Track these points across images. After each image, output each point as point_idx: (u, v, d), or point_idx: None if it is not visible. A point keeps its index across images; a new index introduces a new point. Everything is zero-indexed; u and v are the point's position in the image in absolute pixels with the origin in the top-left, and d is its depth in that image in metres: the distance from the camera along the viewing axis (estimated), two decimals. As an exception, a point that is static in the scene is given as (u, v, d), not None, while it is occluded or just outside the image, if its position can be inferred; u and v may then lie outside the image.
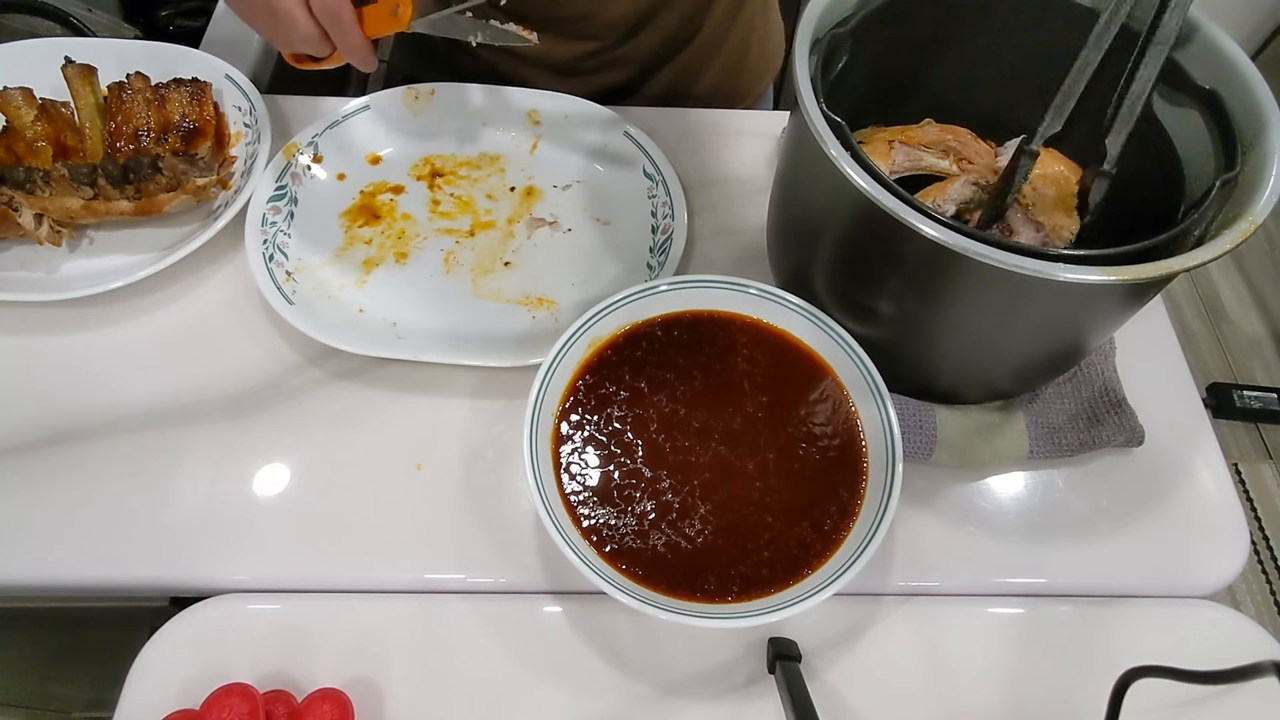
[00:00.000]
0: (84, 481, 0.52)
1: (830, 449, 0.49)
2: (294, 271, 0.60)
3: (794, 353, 0.53)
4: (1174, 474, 0.56)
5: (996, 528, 0.53)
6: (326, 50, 0.53)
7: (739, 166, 0.70)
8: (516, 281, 0.62)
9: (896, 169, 0.57)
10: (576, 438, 0.49)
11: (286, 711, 0.44)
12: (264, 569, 0.50)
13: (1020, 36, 0.53)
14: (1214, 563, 0.53)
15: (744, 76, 0.83)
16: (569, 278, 0.62)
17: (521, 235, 0.64)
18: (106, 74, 0.64)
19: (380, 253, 0.63)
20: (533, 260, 0.63)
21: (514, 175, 0.68)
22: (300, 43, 0.52)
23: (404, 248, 0.63)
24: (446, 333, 0.59)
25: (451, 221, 0.65)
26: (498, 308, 0.60)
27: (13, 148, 0.62)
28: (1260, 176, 0.42)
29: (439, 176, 0.67)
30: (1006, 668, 0.49)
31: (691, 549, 0.46)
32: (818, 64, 0.47)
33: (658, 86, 0.79)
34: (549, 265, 0.63)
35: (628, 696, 0.47)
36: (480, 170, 0.68)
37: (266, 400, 0.56)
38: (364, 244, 0.63)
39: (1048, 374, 0.55)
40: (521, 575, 0.50)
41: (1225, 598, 0.52)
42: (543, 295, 0.61)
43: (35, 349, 0.58)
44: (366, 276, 0.61)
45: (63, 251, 0.62)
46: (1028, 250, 0.39)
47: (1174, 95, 0.49)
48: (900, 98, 0.58)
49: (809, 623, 0.49)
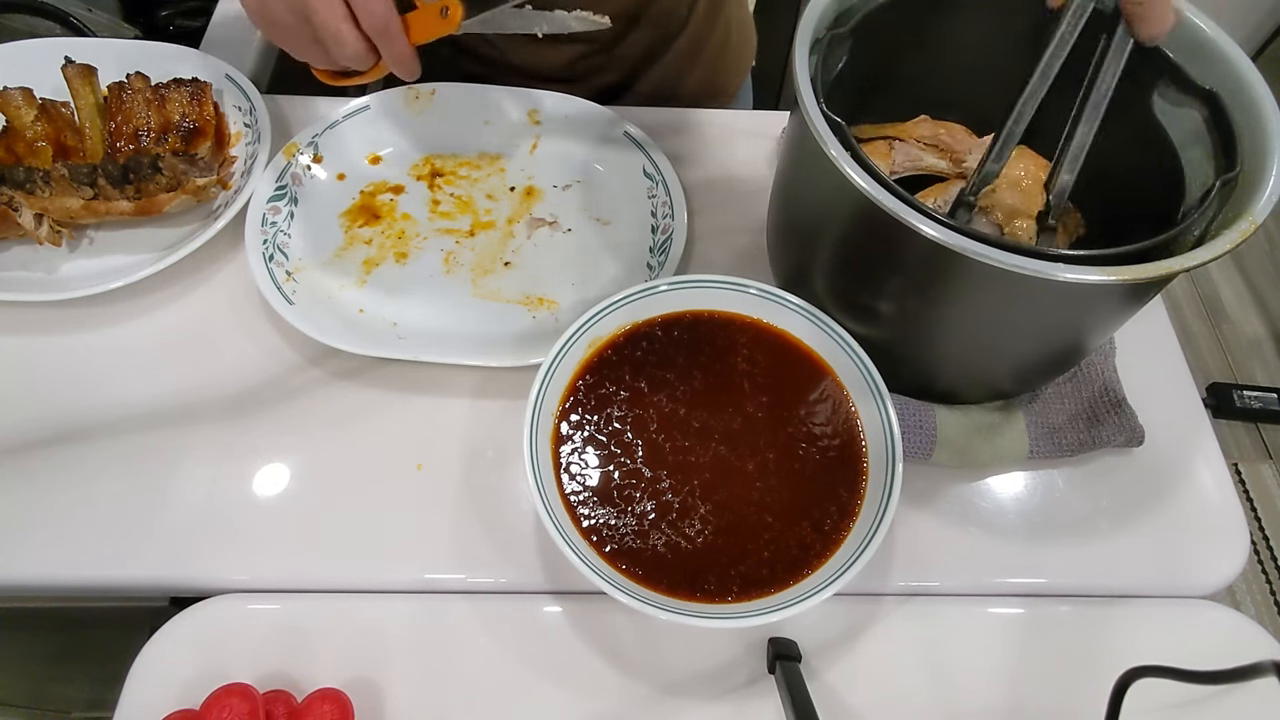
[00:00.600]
0: (84, 481, 0.52)
1: (830, 449, 0.49)
2: (294, 271, 0.60)
3: (794, 353, 0.53)
4: (1174, 474, 0.56)
5: (996, 528, 0.53)
6: (371, 63, 0.51)
7: (739, 166, 0.70)
8: (516, 281, 0.62)
9: (896, 169, 0.57)
10: (576, 438, 0.49)
11: (286, 711, 0.44)
12: (264, 569, 0.50)
13: (1020, 37, 0.53)
14: (1214, 563, 0.53)
15: (725, 72, 0.84)
16: (569, 278, 0.62)
17: (521, 235, 0.64)
18: (106, 74, 0.64)
19: (380, 253, 0.63)
20: (533, 260, 0.63)
21: (514, 175, 0.68)
22: (347, 60, 0.49)
23: (404, 248, 0.63)
24: (447, 332, 0.59)
25: (451, 221, 0.65)
26: (498, 307, 0.60)
27: (13, 148, 0.62)
28: (1260, 176, 0.42)
29: (439, 176, 0.67)
30: (1006, 668, 0.49)
31: (691, 549, 0.46)
32: (818, 64, 0.47)
33: (647, 85, 0.79)
34: (549, 265, 0.63)
35: (628, 696, 0.47)
36: (480, 170, 0.68)
37: (266, 400, 0.56)
38: (364, 244, 0.63)
39: (1048, 374, 0.55)
40: (521, 575, 0.50)
41: (1225, 598, 0.52)
42: (543, 295, 0.61)
43: (35, 349, 0.58)
44: (367, 276, 0.61)
45: (63, 251, 0.62)
46: (1028, 250, 0.39)
47: (1174, 95, 0.49)
48: (900, 98, 0.58)
49: (809, 623, 0.49)
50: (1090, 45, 0.47)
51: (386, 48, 0.49)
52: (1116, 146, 0.52)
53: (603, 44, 0.74)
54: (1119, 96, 0.46)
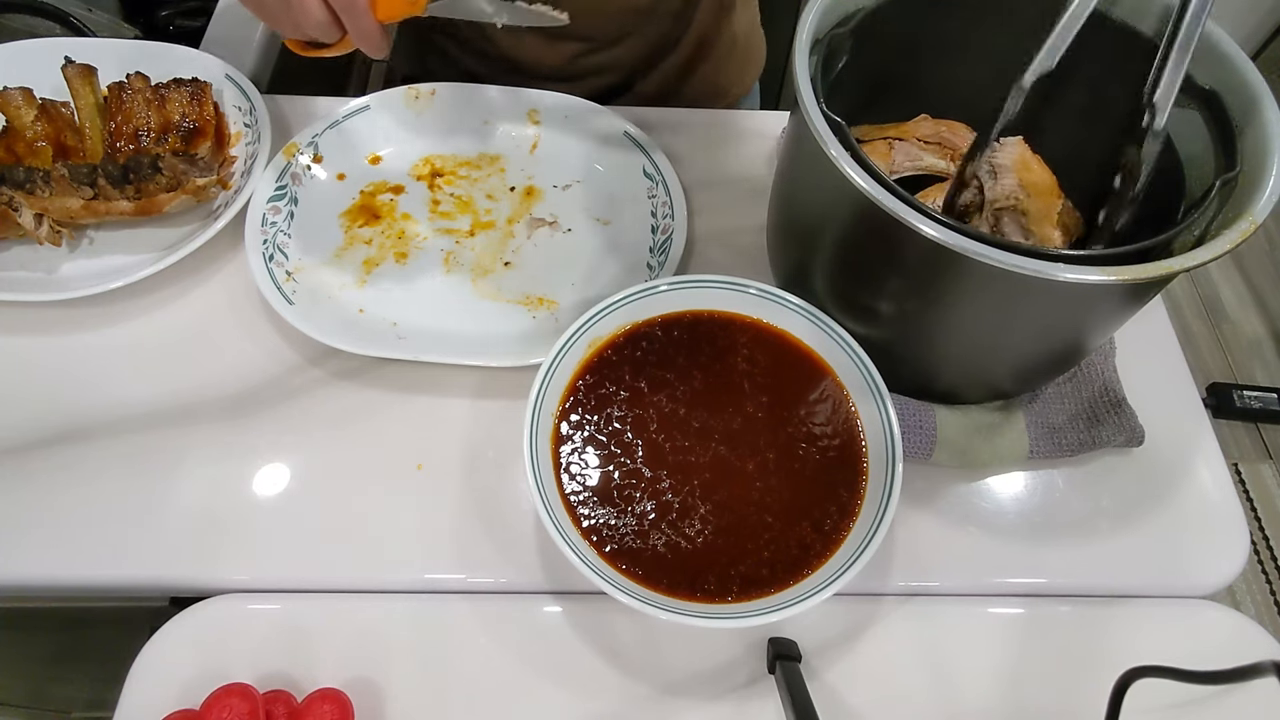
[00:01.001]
0: (84, 482, 0.52)
1: (830, 449, 0.49)
2: (294, 271, 0.60)
3: (794, 353, 0.53)
4: (1174, 474, 0.56)
5: (996, 528, 0.53)
6: (337, 35, 0.51)
7: (739, 166, 0.70)
8: (516, 281, 0.62)
9: (896, 169, 0.57)
10: (576, 438, 0.49)
11: (286, 711, 0.44)
12: (264, 569, 0.50)
13: (1019, 36, 0.53)
14: (1214, 563, 0.53)
15: (728, 79, 0.84)
16: (569, 278, 0.62)
17: (521, 235, 0.64)
18: (106, 74, 0.64)
19: (380, 253, 0.63)
20: (533, 260, 0.63)
21: (514, 175, 0.68)
22: (312, 28, 0.50)
23: (404, 248, 0.63)
24: (447, 332, 0.59)
25: (451, 221, 0.65)
26: (498, 307, 0.60)
27: (13, 148, 0.62)
28: (1260, 177, 0.42)
29: (439, 176, 0.67)
30: (1006, 668, 0.49)
31: (691, 549, 0.46)
32: (818, 64, 0.47)
33: (649, 86, 0.79)
34: (549, 265, 0.63)
35: (628, 696, 0.47)
36: (480, 170, 0.68)
37: (266, 400, 0.56)
38: (364, 244, 0.63)
39: (1048, 374, 0.55)
40: (521, 575, 0.50)
41: (1225, 598, 0.52)
42: (543, 295, 0.61)
43: (35, 349, 0.58)
44: (367, 276, 0.61)
45: (63, 251, 0.62)
46: (1028, 250, 0.39)
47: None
48: (900, 98, 0.58)
49: (809, 623, 0.49)
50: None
51: (352, 22, 0.50)
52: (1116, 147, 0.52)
53: (602, 43, 0.74)
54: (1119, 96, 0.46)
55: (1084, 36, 0.47)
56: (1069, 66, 0.47)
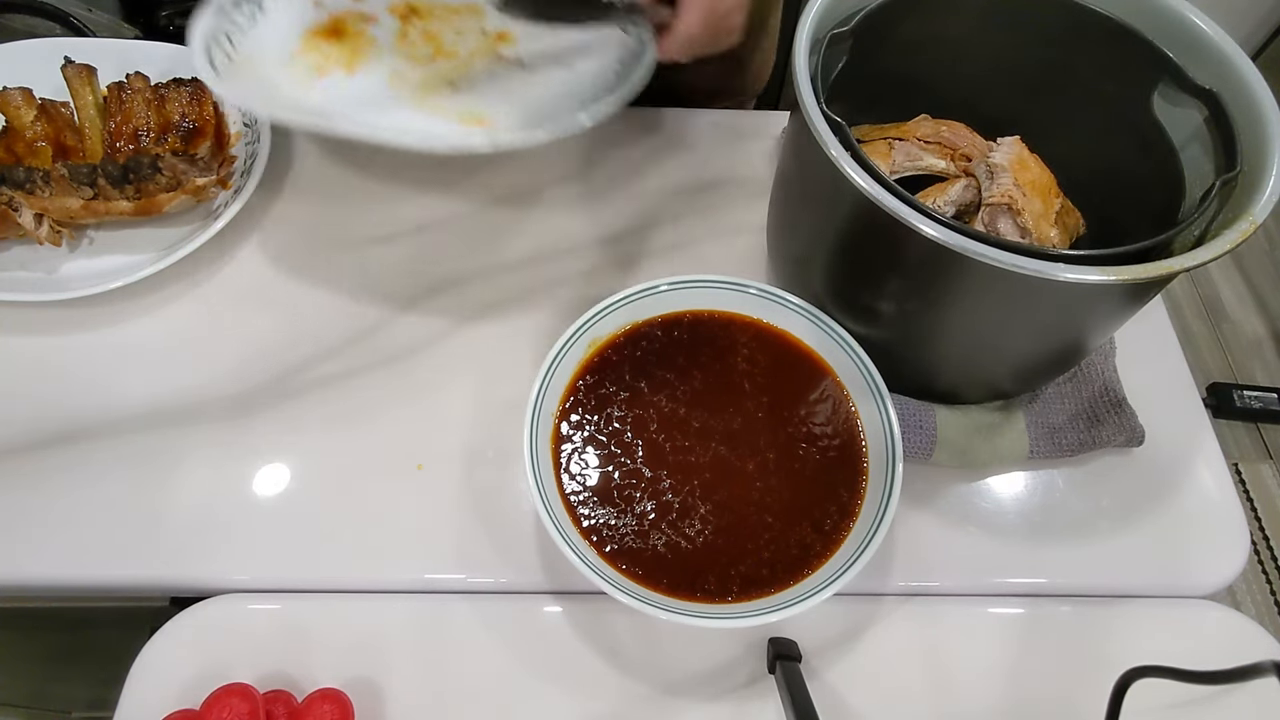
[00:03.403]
0: (84, 481, 0.52)
1: (830, 449, 0.49)
2: (234, 58, 0.57)
3: (794, 353, 0.53)
4: (1174, 474, 0.56)
5: (996, 528, 0.53)
6: None
7: (739, 166, 0.70)
8: (458, 103, 0.60)
9: (896, 169, 0.57)
10: (576, 438, 0.49)
11: (286, 711, 0.44)
12: (264, 569, 0.50)
13: (1019, 36, 0.53)
14: (1214, 563, 0.53)
15: (747, 75, 0.83)
16: (514, 111, 0.59)
17: (479, 67, 0.62)
18: (106, 74, 0.64)
19: (329, 62, 0.61)
20: (483, 88, 0.61)
21: (494, 22, 0.65)
22: None
23: (356, 63, 0.61)
24: (376, 125, 0.55)
25: (413, 49, 0.63)
26: (432, 120, 0.58)
27: (13, 148, 0.62)
28: (1260, 176, 0.42)
29: (415, 14, 0.65)
30: (1006, 668, 0.49)
31: (691, 549, 0.46)
32: (818, 64, 0.47)
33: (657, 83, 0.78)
34: (497, 94, 0.61)
35: (628, 696, 0.47)
36: (460, 15, 0.66)
37: (266, 400, 0.56)
38: (317, 54, 0.61)
39: (1048, 374, 0.55)
40: (521, 575, 0.50)
41: (1225, 598, 0.52)
42: (482, 115, 0.59)
43: (35, 349, 0.58)
44: (309, 80, 0.59)
45: (63, 251, 0.62)
46: (1028, 250, 0.39)
47: (1174, 95, 0.49)
48: (900, 98, 0.58)
49: (809, 623, 0.49)
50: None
51: None
52: (1116, 146, 0.52)
53: None
54: (1119, 96, 0.46)
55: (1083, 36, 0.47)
56: (1068, 66, 0.47)
